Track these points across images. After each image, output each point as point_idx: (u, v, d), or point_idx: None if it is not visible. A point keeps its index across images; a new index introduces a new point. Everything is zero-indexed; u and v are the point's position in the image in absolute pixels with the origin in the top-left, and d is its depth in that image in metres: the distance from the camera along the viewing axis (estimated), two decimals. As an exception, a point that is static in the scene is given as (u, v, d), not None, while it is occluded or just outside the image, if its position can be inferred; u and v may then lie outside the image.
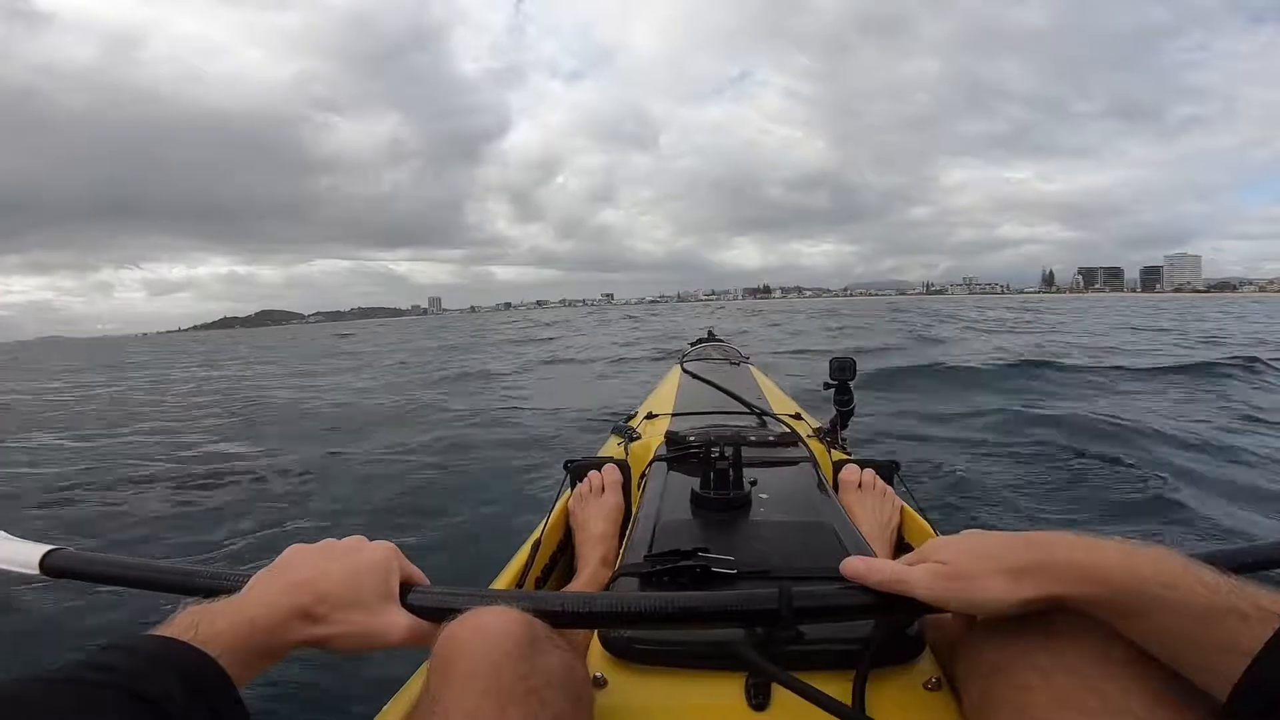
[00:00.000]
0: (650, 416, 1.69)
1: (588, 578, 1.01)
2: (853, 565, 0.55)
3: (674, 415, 1.65)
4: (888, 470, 1.28)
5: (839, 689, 0.54)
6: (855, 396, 1.53)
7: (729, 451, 0.93)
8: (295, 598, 0.50)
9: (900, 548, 1.13)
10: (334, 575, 0.53)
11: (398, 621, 0.54)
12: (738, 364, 2.69)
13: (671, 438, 1.24)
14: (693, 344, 3.45)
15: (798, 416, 1.65)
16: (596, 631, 0.66)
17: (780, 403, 1.91)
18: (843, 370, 1.52)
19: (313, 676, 1.54)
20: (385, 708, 0.65)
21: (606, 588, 0.74)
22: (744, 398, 1.58)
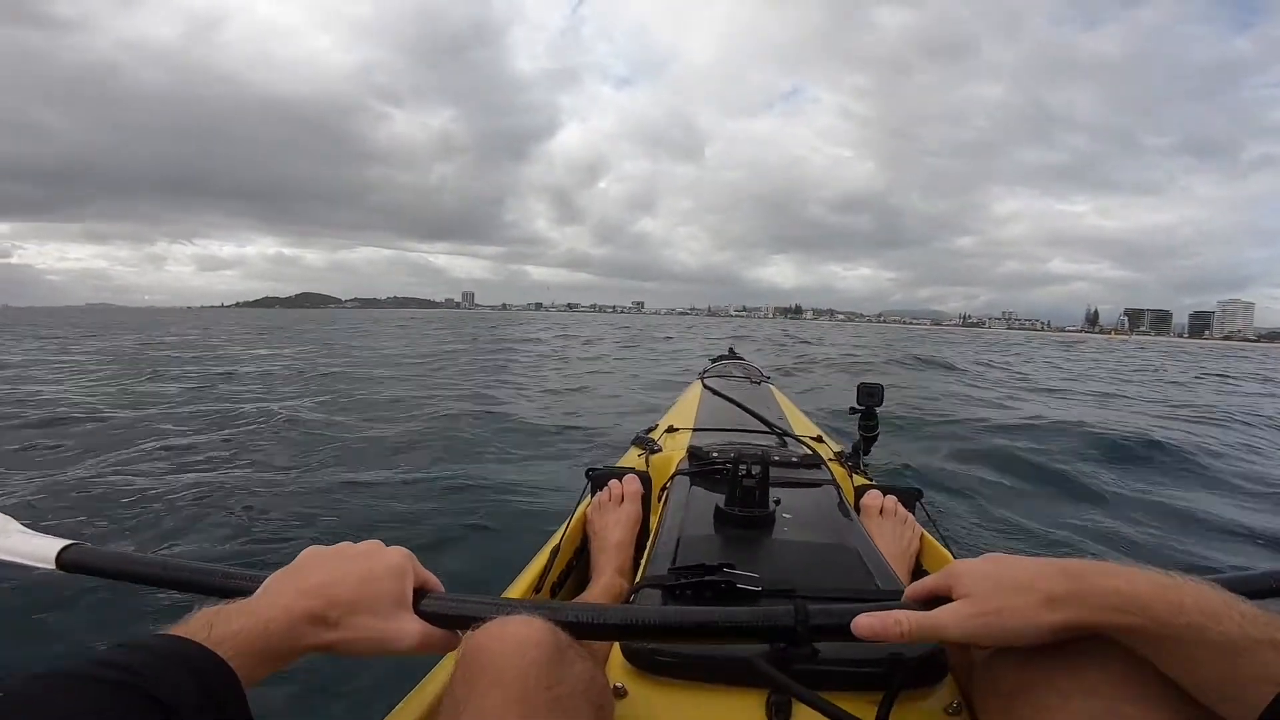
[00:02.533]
0: (671, 430, 1.70)
1: (603, 587, 1.01)
2: (866, 623, 0.52)
3: (695, 430, 1.65)
4: (910, 497, 1.27)
5: (860, 711, 0.53)
6: (880, 423, 1.54)
7: (756, 469, 0.93)
8: (310, 602, 0.50)
9: (918, 575, 1.11)
10: (348, 580, 0.53)
11: (410, 629, 0.54)
12: (758, 383, 2.70)
13: (695, 452, 1.25)
14: (714, 360, 3.46)
15: (819, 439, 1.65)
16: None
17: (801, 425, 1.92)
18: (870, 396, 1.52)
19: (322, 674, 1.56)
20: (397, 708, 0.65)
21: (629, 599, 0.74)
22: (765, 417, 1.59)
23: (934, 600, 0.53)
